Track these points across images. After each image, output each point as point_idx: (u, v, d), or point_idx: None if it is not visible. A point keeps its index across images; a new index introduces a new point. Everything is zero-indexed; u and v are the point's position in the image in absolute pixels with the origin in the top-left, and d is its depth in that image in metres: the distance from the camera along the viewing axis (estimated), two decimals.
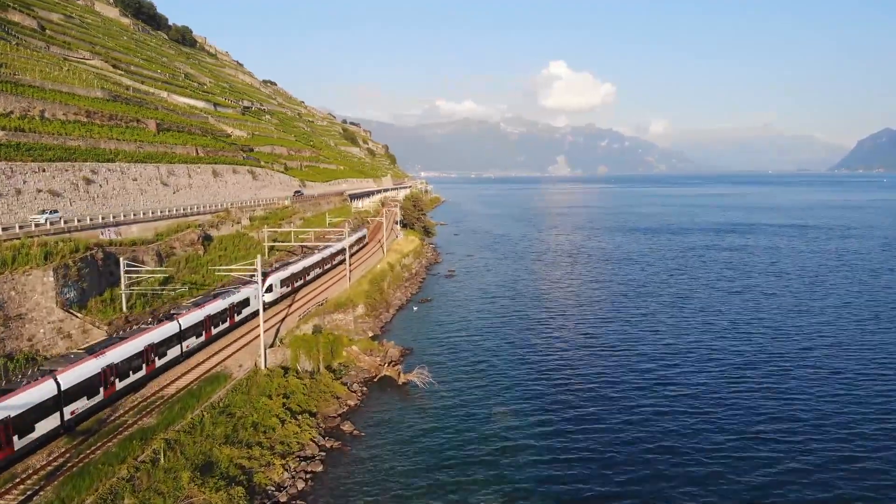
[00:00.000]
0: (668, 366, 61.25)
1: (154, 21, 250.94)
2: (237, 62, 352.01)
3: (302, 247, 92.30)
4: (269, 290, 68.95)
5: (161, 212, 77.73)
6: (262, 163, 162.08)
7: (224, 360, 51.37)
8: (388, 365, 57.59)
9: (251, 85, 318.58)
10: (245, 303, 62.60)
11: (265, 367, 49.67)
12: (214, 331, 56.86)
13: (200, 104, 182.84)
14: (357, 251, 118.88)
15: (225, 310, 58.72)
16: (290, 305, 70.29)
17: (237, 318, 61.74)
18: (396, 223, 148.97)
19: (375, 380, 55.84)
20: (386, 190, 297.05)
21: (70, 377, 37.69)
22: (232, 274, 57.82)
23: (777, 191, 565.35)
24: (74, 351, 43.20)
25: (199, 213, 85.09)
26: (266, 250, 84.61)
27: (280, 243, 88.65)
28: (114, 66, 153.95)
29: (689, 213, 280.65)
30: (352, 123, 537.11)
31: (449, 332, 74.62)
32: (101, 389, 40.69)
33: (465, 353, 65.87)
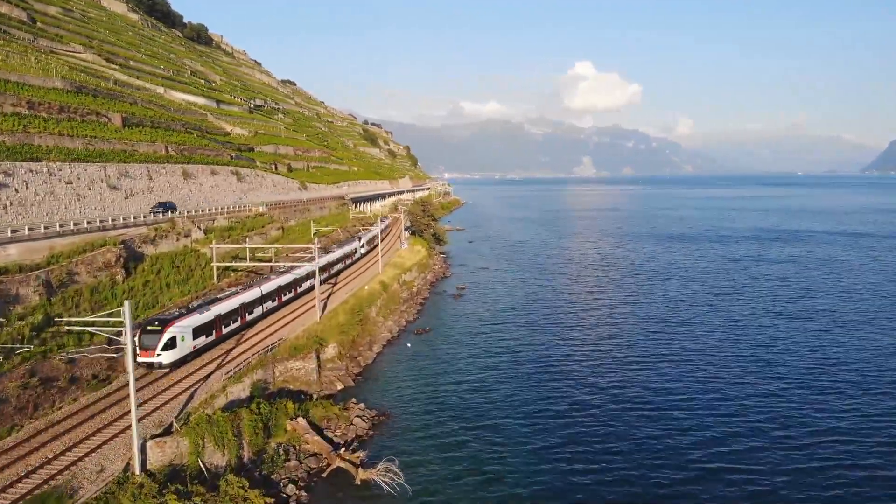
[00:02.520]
0: (734, 445, 43.09)
1: (168, 19, 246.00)
2: (255, 61, 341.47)
3: (271, 267, 74.06)
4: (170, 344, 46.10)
5: (62, 226, 58.20)
6: (259, 163, 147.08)
7: (78, 459, 32.34)
8: (345, 449, 40.46)
9: (268, 84, 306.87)
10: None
11: (140, 471, 32.42)
12: None
13: (201, 101, 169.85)
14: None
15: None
16: (227, 352, 52.50)
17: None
18: (404, 230, 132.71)
19: (325, 474, 38.59)
20: (401, 192, 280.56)
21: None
22: (87, 329, 39.91)
23: (812, 193, 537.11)
24: None
25: (128, 226, 66.24)
26: (215, 272, 67.07)
27: (240, 262, 70.84)
28: (107, 60, 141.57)
29: (724, 218, 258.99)
30: (373, 124, 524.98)
31: (444, 382, 56.91)
32: None
33: (461, 421, 47.83)
